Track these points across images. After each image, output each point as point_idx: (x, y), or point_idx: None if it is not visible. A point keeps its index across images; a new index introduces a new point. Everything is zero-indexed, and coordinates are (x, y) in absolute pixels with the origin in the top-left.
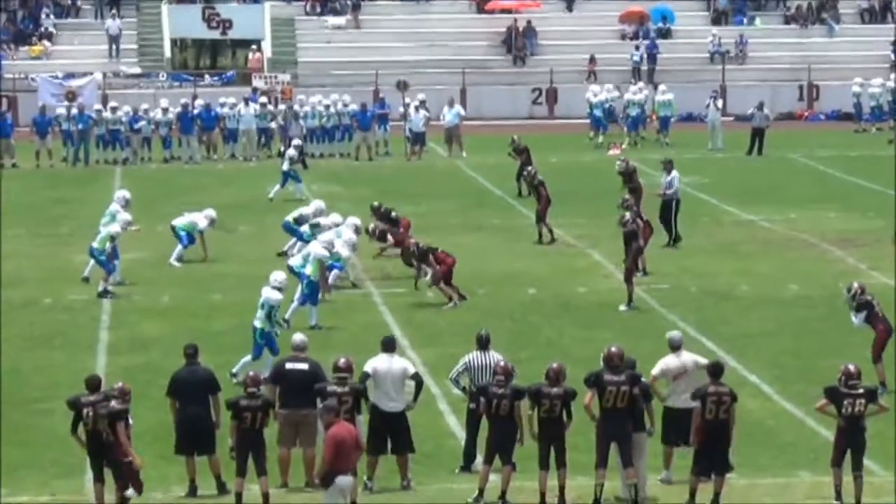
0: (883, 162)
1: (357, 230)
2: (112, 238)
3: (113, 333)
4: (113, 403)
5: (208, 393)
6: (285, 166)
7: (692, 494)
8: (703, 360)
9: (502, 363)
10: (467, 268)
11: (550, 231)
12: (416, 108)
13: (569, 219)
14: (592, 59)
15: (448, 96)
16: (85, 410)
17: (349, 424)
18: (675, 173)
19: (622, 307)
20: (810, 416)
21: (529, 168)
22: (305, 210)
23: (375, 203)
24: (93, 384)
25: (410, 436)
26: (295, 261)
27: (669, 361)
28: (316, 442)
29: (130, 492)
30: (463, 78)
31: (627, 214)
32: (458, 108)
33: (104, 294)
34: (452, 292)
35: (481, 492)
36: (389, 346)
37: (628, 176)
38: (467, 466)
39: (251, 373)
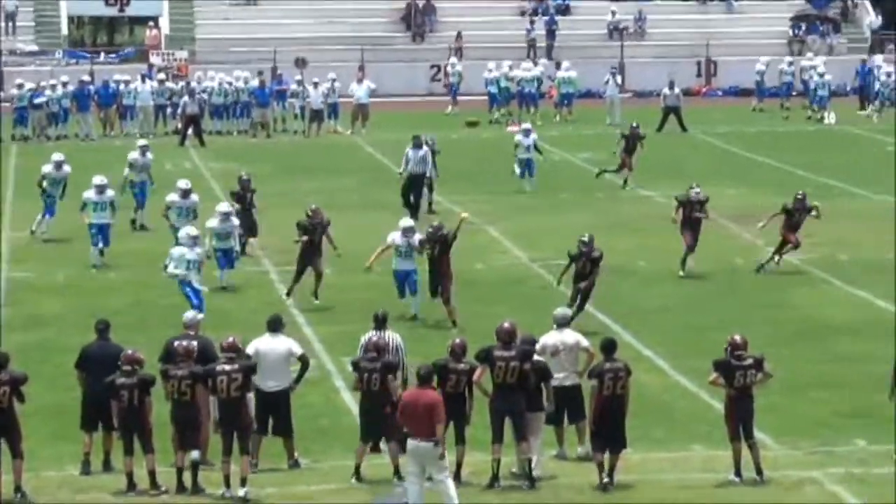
0: (780, 138)
1: None
2: None
3: (8, 310)
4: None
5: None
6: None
7: (600, 469)
8: (586, 342)
9: (374, 338)
10: (367, 245)
11: None
12: (315, 85)
13: (469, 195)
14: (459, 36)
15: (347, 73)
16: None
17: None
18: (410, 152)
19: None
20: (704, 390)
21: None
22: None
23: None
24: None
25: (290, 418)
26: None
27: (547, 338)
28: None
29: (196, 454)
30: (362, 55)
31: None
32: (367, 83)
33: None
34: None
35: (357, 468)
36: (273, 325)
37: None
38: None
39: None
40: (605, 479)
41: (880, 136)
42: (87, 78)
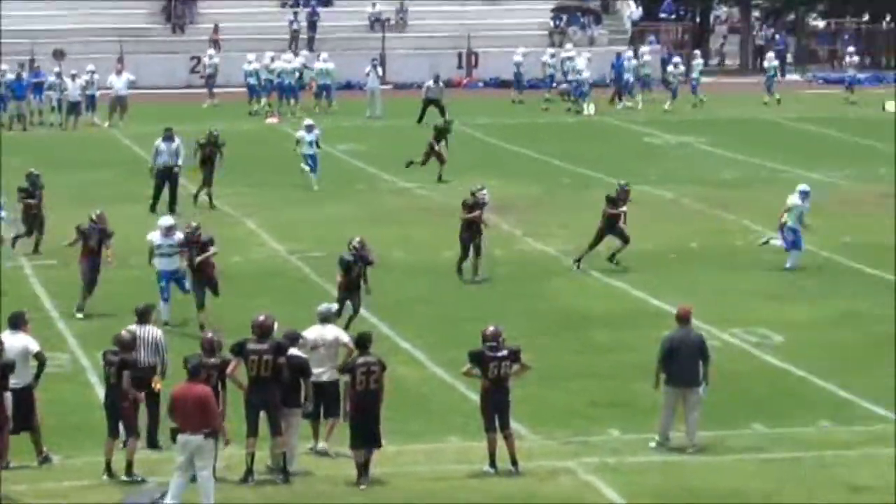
0: (540, 129)
1: None
2: None
3: None
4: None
5: None
6: None
7: (359, 471)
8: (346, 338)
9: (124, 333)
10: (125, 238)
11: None
12: (73, 77)
13: (230, 188)
14: (216, 28)
15: (106, 65)
16: None
17: None
18: (162, 144)
19: None
20: (461, 382)
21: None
22: None
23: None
24: None
25: (33, 413)
26: None
27: (308, 333)
28: None
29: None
30: (121, 46)
31: None
32: (126, 75)
33: None
34: None
35: (107, 464)
36: (14, 322)
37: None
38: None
39: None
40: (362, 486)
41: (637, 127)
42: None
